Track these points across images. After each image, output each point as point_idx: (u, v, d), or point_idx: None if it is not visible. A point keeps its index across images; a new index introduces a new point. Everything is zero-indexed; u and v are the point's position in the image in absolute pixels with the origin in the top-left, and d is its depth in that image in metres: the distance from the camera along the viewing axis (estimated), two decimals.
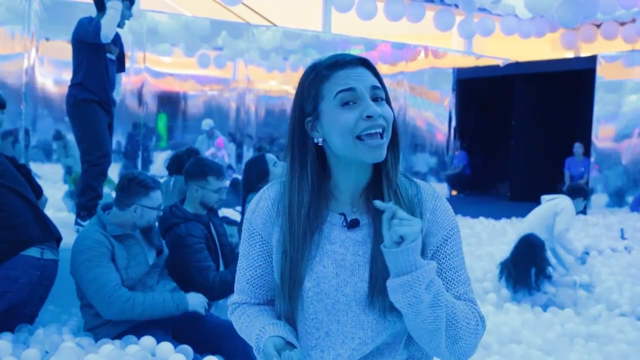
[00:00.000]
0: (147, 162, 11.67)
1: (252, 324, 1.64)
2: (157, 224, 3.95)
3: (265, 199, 1.65)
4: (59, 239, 3.89)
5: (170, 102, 13.34)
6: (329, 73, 1.56)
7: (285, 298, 1.58)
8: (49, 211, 4.39)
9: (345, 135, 1.51)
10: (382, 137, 1.53)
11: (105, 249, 3.49)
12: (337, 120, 1.52)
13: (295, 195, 1.57)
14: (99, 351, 3.30)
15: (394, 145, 1.59)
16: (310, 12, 12.80)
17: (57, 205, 7.65)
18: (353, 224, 1.59)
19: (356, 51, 12.66)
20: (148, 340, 3.40)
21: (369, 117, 1.51)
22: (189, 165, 4.19)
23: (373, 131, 1.51)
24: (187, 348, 3.44)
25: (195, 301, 3.59)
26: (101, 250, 3.48)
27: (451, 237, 1.62)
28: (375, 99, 1.54)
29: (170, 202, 4.25)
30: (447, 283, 1.58)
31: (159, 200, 3.70)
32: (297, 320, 1.62)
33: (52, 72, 10.02)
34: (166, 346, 3.34)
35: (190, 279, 3.87)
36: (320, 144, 1.57)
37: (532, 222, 6.51)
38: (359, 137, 1.51)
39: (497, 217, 10.57)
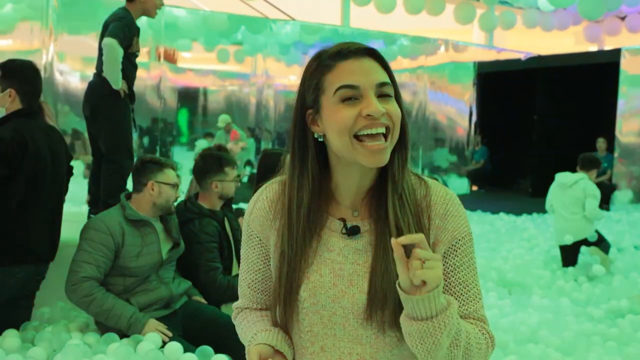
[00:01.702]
0: (164, 157, 11.65)
1: (249, 329, 1.54)
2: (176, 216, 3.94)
3: (262, 200, 1.54)
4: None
5: (190, 97, 13.35)
6: (332, 63, 1.42)
7: (281, 304, 1.47)
8: (65, 205, 4.28)
9: (342, 133, 1.38)
10: (385, 140, 1.39)
11: (110, 240, 3.48)
12: (335, 116, 1.39)
13: (294, 193, 1.46)
14: (106, 350, 3.25)
15: (401, 146, 1.45)
16: (328, 6, 12.70)
17: (75, 200, 7.64)
18: (353, 231, 1.46)
19: (375, 45, 12.56)
20: (155, 337, 3.34)
21: (369, 115, 1.37)
22: (202, 164, 4.15)
23: (374, 132, 1.37)
24: (207, 349, 3.37)
25: (152, 329, 3.42)
26: (104, 239, 3.48)
27: (461, 247, 1.47)
28: (381, 96, 1.40)
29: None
30: (455, 299, 1.45)
31: (174, 178, 3.75)
32: (292, 333, 1.51)
33: (70, 67, 10.04)
34: (174, 346, 3.28)
35: (197, 277, 3.86)
36: (321, 140, 1.45)
37: (572, 219, 6.47)
38: (357, 137, 1.38)
39: (518, 213, 10.44)
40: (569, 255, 6.50)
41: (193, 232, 3.92)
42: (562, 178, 6.60)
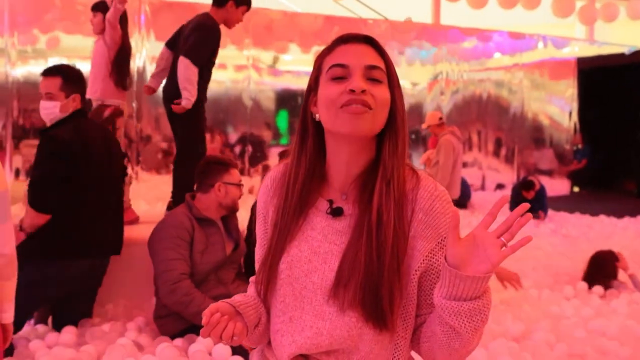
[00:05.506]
0: (257, 159, 11.72)
1: None
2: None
3: (267, 179, 1.68)
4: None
5: (289, 99, 13.49)
6: (333, 47, 1.55)
7: (265, 273, 1.57)
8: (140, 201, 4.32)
9: (328, 107, 1.49)
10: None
11: (186, 232, 3.55)
12: (324, 92, 1.51)
13: (293, 169, 1.58)
14: (155, 351, 3.25)
15: (392, 133, 1.52)
16: (419, 4, 12.51)
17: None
18: (336, 212, 1.55)
19: (469, 42, 12.23)
20: (206, 340, 3.33)
21: (351, 91, 1.45)
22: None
23: (355, 106, 1.45)
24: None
25: None
26: (181, 233, 3.54)
27: None
28: (371, 79, 1.49)
29: None
30: None
31: (239, 177, 3.83)
32: (270, 302, 1.61)
33: None
34: (222, 349, 3.25)
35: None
36: (318, 120, 1.55)
37: None
38: (341, 108, 1.48)
39: (620, 215, 9.90)
40: None
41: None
42: None
